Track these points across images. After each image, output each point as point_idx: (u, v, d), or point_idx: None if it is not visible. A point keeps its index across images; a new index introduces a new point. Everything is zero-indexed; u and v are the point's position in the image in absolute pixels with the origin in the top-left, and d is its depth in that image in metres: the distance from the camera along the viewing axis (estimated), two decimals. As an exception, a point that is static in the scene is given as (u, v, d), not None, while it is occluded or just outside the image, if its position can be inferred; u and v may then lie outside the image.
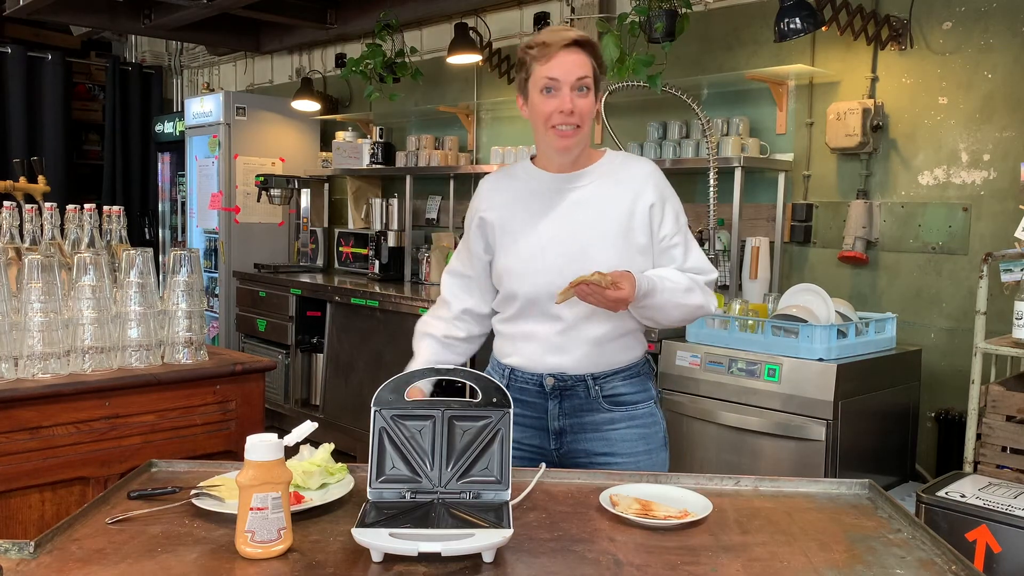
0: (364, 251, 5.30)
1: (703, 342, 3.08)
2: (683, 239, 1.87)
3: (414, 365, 1.89)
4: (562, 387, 1.85)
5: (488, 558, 1.22)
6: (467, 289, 1.96)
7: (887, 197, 3.43)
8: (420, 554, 1.19)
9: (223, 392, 2.39)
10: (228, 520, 1.33)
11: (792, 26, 3.23)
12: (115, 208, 2.59)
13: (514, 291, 1.86)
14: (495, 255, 1.91)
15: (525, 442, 1.89)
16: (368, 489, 1.40)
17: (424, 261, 4.94)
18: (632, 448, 1.87)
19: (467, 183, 5.06)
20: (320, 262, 5.72)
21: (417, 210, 5.26)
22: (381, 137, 5.40)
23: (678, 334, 3.19)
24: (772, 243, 3.66)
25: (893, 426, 3.09)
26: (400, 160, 5.17)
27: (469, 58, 4.65)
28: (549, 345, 1.84)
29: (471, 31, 4.63)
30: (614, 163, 1.90)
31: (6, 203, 2.48)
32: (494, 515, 1.32)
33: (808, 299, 3.03)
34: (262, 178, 5.51)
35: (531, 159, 1.94)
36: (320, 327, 4.90)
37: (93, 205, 2.53)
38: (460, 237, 2.06)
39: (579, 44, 1.76)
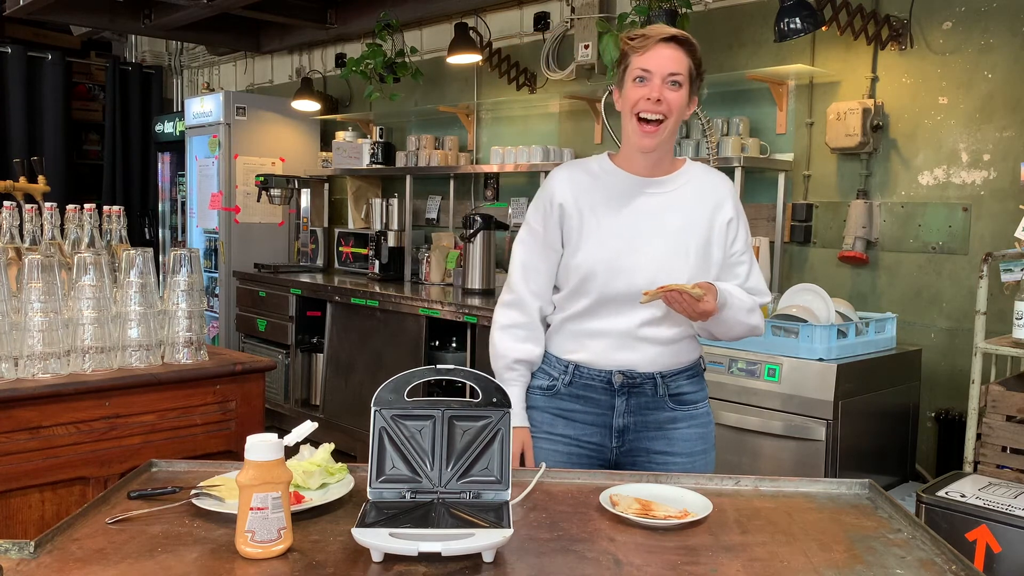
0: (364, 251, 5.29)
1: (703, 342, 3.06)
2: (749, 258, 1.91)
3: (515, 409, 1.78)
4: (630, 384, 1.86)
5: (488, 558, 1.22)
6: (542, 286, 1.92)
7: (887, 197, 3.43)
8: (420, 554, 1.19)
9: (223, 392, 2.39)
10: (228, 520, 1.33)
11: (792, 26, 3.23)
12: (115, 208, 2.59)
13: (591, 288, 1.83)
14: (569, 248, 1.87)
15: (585, 439, 1.89)
16: (368, 489, 1.40)
17: (424, 261, 4.94)
18: (691, 448, 1.89)
19: (467, 183, 5.07)
20: (320, 262, 5.72)
21: (417, 210, 5.26)
22: (381, 137, 5.40)
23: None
24: (772, 243, 3.66)
25: (893, 426, 3.09)
26: (400, 160, 5.17)
27: (469, 58, 4.65)
28: (620, 342, 1.85)
29: (471, 31, 4.63)
30: (696, 173, 1.91)
31: (6, 203, 2.48)
32: (494, 515, 1.32)
33: (808, 299, 3.03)
34: (262, 178, 5.51)
35: (608, 156, 1.92)
36: (320, 327, 4.90)
37: (93, 205, 2.53)
38: (460, 237, 2.06)
39: (677, 40, 1.78)
